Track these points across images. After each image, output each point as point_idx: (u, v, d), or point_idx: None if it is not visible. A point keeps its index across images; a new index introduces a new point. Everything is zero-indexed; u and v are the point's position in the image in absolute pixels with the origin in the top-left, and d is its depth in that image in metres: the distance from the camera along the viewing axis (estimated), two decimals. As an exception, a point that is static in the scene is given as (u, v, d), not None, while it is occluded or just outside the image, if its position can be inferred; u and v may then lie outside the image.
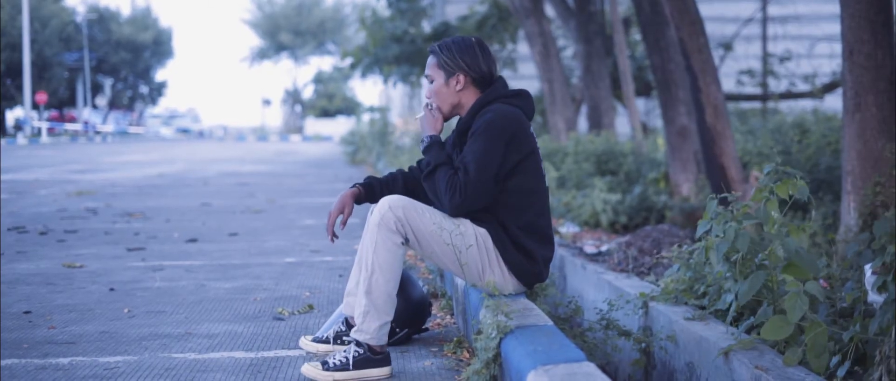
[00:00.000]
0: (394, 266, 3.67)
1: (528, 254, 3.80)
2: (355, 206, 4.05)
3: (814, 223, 5.91)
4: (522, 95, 3.95)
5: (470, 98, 3.92)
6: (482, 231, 3.76)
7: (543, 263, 3.87)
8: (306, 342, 4.10)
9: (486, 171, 3.68)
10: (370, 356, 3.65)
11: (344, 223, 4.02)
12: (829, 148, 7.83)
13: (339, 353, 3.67)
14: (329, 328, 4.14)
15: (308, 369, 3.67)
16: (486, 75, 3.91)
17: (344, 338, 4.04)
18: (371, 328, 3.65)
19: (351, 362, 3.63)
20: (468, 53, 3.88)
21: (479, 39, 3.96)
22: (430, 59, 3.96)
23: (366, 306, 3.66)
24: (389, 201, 3.69)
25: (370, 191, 4.07)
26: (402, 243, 3.69)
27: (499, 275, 3.79)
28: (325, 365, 3.64)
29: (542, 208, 3.86)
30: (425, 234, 3.70)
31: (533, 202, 3.81)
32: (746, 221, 3.62)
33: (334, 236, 4.02)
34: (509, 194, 3.78)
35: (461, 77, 3.88)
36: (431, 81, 3.95)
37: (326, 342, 4.05)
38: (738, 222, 3.62)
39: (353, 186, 4.09)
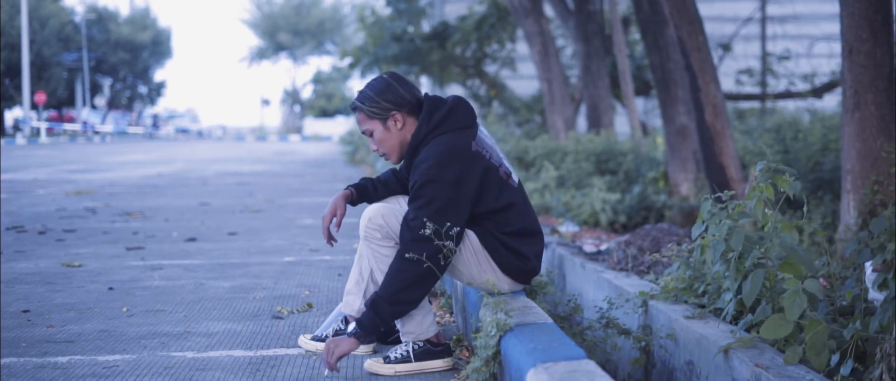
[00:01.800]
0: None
1: (518, 253, 3.79)
2: (350, 207, 4.05)
3: (813, 223, 5.91)
4: (452, 111, 3.74)
5: (412, 129, 3.80)
6: (470, 233, 3.75)
7: (535, 258, 3.85)
8: (305, 341, 4.11)
9: (417, 228, 3.54)
10: (430, 348, 3.72)
11: (338, 225, 4.00)
12: (832, 146, 7.83)
13: (400, 346, 3.74)
14: (328, 326, 4.14)
15: (371, 364, 3.73)
16: (419, 101, 3.78)
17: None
18: (410, 327, 3.72)
19: (412, 354, 3.70)
20: (389, 91, 3.74)
21: (391, 73, 3.83)
22: (358, 116, 3.83)
23: None
24: (369, 215, 3.70)
25: (363, 191, 4.05)
26: (396, 244, 3.70)
27: (492, 274, 3.79)
28: (387, 359, 3.72)
29: (521, 212, 3.79)
30: None
31: (510, 216, 3.76)
32: (742, 219, 3.62)
33: (331, 238, 4.01)
34: (483, 217, 3.74)
35: (396, 116, 3.76)
36: (371, 135, 3.83)
37: (325, 340, 4.06)
38: (733, 220, 3.62)
39: (347, 188, 4.07)
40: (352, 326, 3.67)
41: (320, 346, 4.05)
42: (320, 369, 3.84)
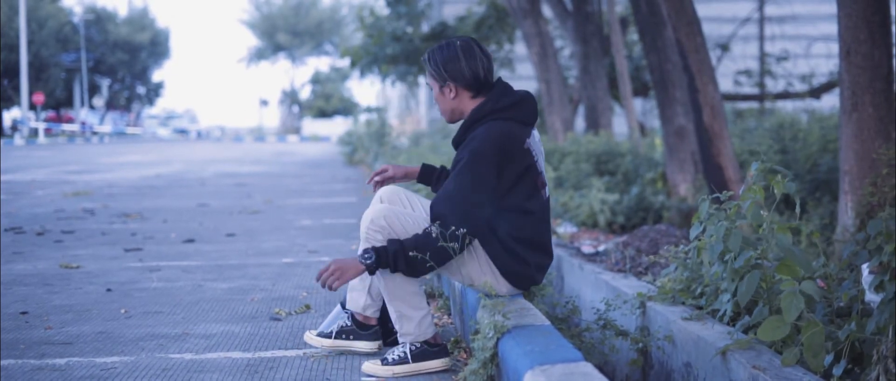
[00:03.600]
0: None
1: (521, 260, 3.79)
2: (397, 186, 4.09)
3: (811, 223, 5.91)
4: (520, 103, 3.82)
5: (467, 104, 3.85)
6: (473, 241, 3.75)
7: (537, 269, 3.85)
8: (311, 337, 4.10)
9: (465, 201, 3.61)
10: (427, 349, 3.74)
11: (381, 182, 4.06)
12: (830, 146, 7.83)
13: (397, 348, 3.76)
14: (333, 322, 4.14)
15: (369, 366, 3.76)
16: (476, 80, 3.80)
17: (348, 334, 4.04)
18: (409, 328, 3.74)
19: (409, 355, 3.72)
20: (451, 62, 3.78)
21: (466, 43, 3.83)
22: (426, 68, 3.91)
23: (396, 313, 3.74)
24: (371, 216, 3.69)
25: (428, 173, 4.15)
26: None
27: (491, 277, 3.80)
28: (385, 361, 3.74)
29: (538, 225, 3.80)
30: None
31: (528, 221, 3.77)
32: (739, 220, 3.62)
33: (373, 181, 4.07)
34: (507, 211, 3.74)
35: (451, 86, 3.81)
36: (432, 88, 3.93)
37: (329, 336, 4.06)
38: (731, 221, 3.62)
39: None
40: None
41: (325, 342, 4.04)
42: (317, 371, 3.85)
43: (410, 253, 3.55)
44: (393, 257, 3.57)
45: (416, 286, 3.74)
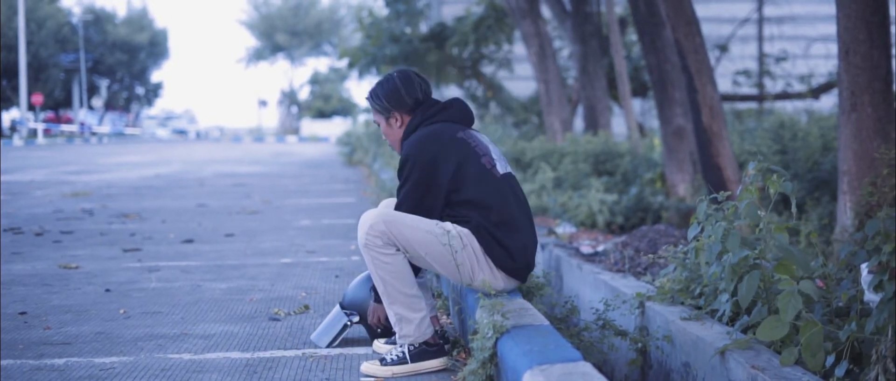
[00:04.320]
0: (401, 270, 3.71)
1: (506, 248, 3.79)
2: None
3: (810, 223, 5.91)
4: (447, 107, 3.97)
5: None
6: (465, 231, 3.76)
7: (520, 252, 3.82)
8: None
9: (417, 208, 3.77)
10: (426, 349, 3.77)
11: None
12: (829, 147, 7.84)
13: (396, 348, 3.78)
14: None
15: (368, 366, 3.78)
16: (418, 103, 3.96)
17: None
18: (408, 330, 3.75)
19: (408, 355, 3.75)
20: (393, 94, 3.94)
21: (403, 72, 4.01)
22: (371, 106, 4.05)
23: (396, 316, 3.76)
24: (370, 222, 3.69)
25: None
26: (397, 251, 3.70)
27: (488, 273, 3.80)
28: (384, 361, 3.76)
29: (502, 202, 3.82)
30: (413, 242, 3.70)
31: (491, 202, 3.79)
32: (738, 220, 3.62)
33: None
34: (466, 205, 3.79)
35: (396, 115, 3.97)
36: (379, 124, 4.05)
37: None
38: (729, 221, 3.62)
39: None
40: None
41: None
42: (316, 371, 3.85)
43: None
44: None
45: (415, 289, 3.74)
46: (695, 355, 3.59)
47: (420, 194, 3.76)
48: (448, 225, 3.74)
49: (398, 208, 3.80)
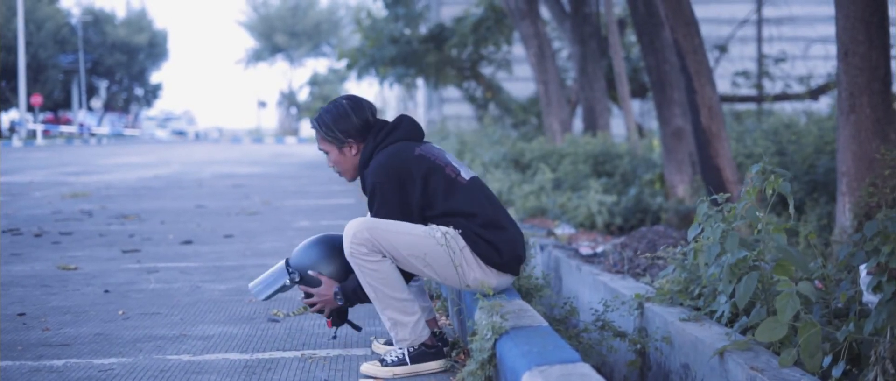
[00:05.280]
0: (389, 275, 3.69)
1: (491, 244, 3.78)
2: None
3: (809, 225, 5.91)
4: (397, 126, 3.94)
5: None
6: (452, 231, 3.75)
7: (508, 246, 3.80)
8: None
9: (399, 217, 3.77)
10: (425, 351, 3.78)
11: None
12: (827, 148, 7.84)
13: (395, 350, 3.79)
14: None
15: (368, 367, 3.79)
16: (368, 128, 3.92)
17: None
18: (404, 334, 3.76)
19: (408, 357, 3.76)
20: (343, 120, 3.89)
21: (349, 97, 3.97)
22: (317, 135, 3.97)
23: (390, 320, 3.76)
24: (353, 230, 3.68)
25: None
26: (383, 258, 3.69)
27: (478, 271, 3.78)
28: (383, 362, 3.78)
29: (479, 204, 3.80)
30: (400, 246, 3.69)
31: (471, 209, 3.78)
32: (737, 222, 3.62)
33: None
34: (445, 216, 3.78)
35: (350, 143, 3.91)
36: (328, 153, 3.98)
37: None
38: (728, 223, 3.63)
39: None
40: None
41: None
42: (315, 372, 3.85)
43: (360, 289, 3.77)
44: (353, 293, 3.83)
45: (405, 293, 3.73)
46: (694, 356, 3.59)
47: (396, 215, 3.75)
48: (435, 227, 3.74)
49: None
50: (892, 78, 5.33)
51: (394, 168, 3.77)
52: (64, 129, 50.44)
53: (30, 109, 47.40)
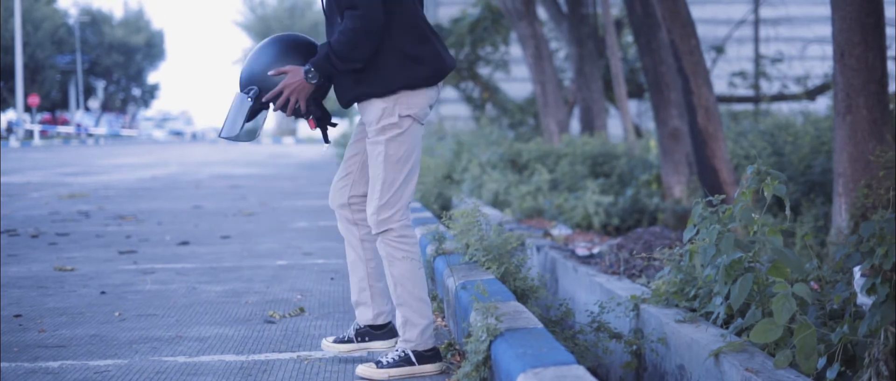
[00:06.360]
0: (414, 275, 3.71)
1: (416, 58, 3.67)
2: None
3: (805, 226, 5.92)
4: None
5: None
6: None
7: (432, 57, 3.72)
8: (329, 344, 4.01)
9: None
10: (422, 353, 3.76)
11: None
12: (824, 148, 7.84)
13: (391, 352, 3.77)
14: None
15: (363, 369, 3.77)
16: None
17: (364, 336, 4.00)
18: (413, 335, 3.74)
19: (404, 359, 3.75)
20: None
21: None
22: None
23: (402, 318, 3.75)
24: (376, 217, 3.77)
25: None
26: (414, 245, 3.72)
27: (418, 98, 3.74)
28: (379, 364, 3.75)
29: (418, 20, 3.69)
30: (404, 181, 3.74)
31: (414, 23, 3.66)
32: (733, 223, 3.63)
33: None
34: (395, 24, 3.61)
35: None
36: None
37: (347, 341, 3.99)
38: (723, 224, 3.63)
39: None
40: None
41: (343, 347, 3.95)
42: (311, 374, 3.85)
43: (336, 50, 3.50)
44: (325, 60, 3.54)
45: (425, 294, 3.75)
46: (689, 357, 3.59)
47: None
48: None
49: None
50: (888, 79, 5.34)
51: None
52: (61, 129, 50.44)
53: (27, 109, 47.41)
